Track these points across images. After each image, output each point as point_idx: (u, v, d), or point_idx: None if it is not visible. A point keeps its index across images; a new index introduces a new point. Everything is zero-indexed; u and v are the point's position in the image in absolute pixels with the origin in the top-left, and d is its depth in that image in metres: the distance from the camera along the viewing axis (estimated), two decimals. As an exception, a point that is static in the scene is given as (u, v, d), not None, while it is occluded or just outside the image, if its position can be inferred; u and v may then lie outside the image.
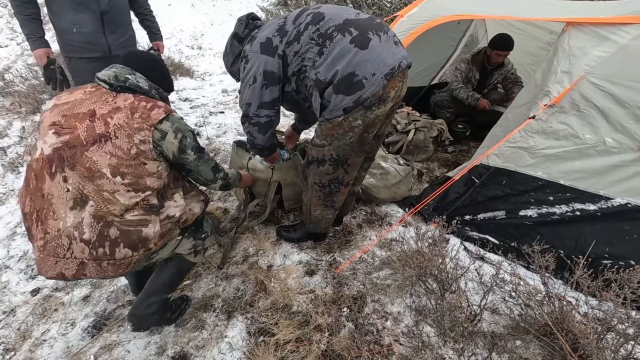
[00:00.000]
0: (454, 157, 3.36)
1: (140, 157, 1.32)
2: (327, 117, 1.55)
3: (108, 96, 1.37)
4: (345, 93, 1.46)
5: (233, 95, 4.58)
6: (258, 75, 1.56)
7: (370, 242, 2.13)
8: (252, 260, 2.09)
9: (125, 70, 1.42)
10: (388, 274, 1.87)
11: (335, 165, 1.68)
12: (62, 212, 1.26)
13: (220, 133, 3.54)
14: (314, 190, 1.83)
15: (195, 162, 1.50)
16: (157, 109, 1.36)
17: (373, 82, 1.43)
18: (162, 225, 1.38)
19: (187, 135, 1.43)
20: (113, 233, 1.28)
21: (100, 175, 1.27)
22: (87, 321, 1.82)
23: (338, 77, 1.45)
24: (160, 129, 1.36)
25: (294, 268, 2.03)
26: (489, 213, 2.14)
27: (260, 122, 1.69)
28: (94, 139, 1.28)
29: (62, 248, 1.25)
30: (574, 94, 1.86)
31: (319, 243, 2.20)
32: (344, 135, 1.56)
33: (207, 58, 6.39)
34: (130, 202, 1.30)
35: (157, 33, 2.83)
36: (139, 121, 1.33)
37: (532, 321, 1.54)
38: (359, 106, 1.47)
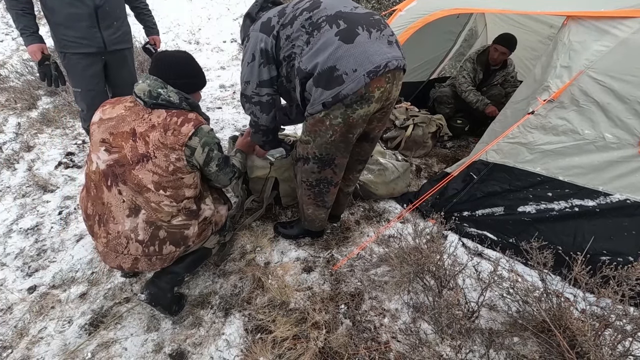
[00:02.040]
0: (453, 152, 3.35)
1: (177, 172, 1.48)
2: (310, 111, 1.54)
3: (144, 113, 1.48)
4: (324, 87, 1.43)
5: (230, 90, 4.55)
6: (256, 52, 1.56)
7: (367, 239, 2.13)
8: (249, 257, 2.08)
9: (158, 84, 1.47)
10: (386, 270, 1.86)
11: (320, 164, 1.66)
12: (121, 218, 1.49)
13: (218, 129, 3.52)
14: (303, 189, 1.83)
15: (216, 173, 1.64)
16: (187, 124, 1.45)
17: (353, 79, 1.38)
18: (200, 227, 1.64)
19: (213, 149, 1.55)
20: (162, 234, 1.53)
21: (146, 190, 1.47)
22: (84, 319, 1.81)
23: (318, 70, 1.42)
24: (190, 145, 1.47)
25: (292, 265, 2.02)
26: (487, 209, 2.13)
27: (262, 101, 1.67)
28: (138, 159, 1.45)
29: (121, 246, 1.51)
30: (573, 89, 1.84)
31: (316, 240, 2.19)
32: (325, 132, 1.54)
33: (204, 53, 6.34)
34: (174, 210, 1.52)
35: (153, 27, 2.80)
36: (172, 140, 1.44)
37: (530, 318, 1.54)
38: (338, 102, 1.43)
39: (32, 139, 3.34)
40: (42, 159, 3.10)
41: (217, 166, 1.61)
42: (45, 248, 2.28)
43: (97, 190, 1.53)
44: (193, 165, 1.53)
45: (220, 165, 1.62)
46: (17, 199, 2.66)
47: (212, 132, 1.54)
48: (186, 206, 1.56)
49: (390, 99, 1.55)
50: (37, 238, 2.35)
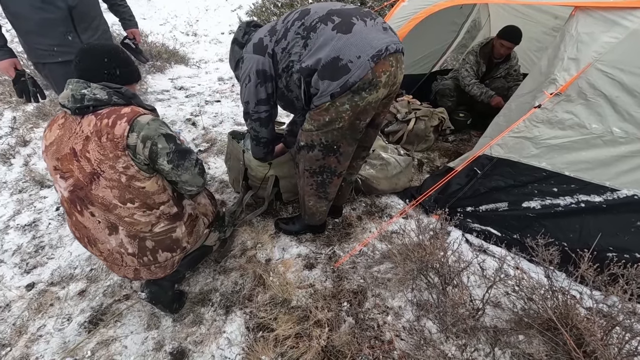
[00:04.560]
0: (455, 146, 3.31)
1: (134, 181, 1.36)
2: (316, 103, 1.52)
3: (75, 125, 1.35)
4: (330, 78, 1.42)
5: (229, 83, 4.49)
6: (252, 74, 1.60)
7: (370, 235, 2.10)
8: (250, 254, 2.06)
9: (80, 85, 1.32)
10: (389, 267, 1.84)
11: (325, 151, 1.64)
12: (104, 237, 1.44)
13: (217, 123, 3.47)
14: (305, 178, 1.80)
15: (172, 171, 1.42)
16: (120, 122, 1.29)
17: (359, 65, 1.38)
18: (187, 226, 1.59)
19: (157, 142, 1.34)
20: (149, 244, 1.48)
21: (114, 207, 1.38)
22: (83, 316, 1.79)
23: (322, 63, 1.42)
24: (130, 145, 1.31)
25: (293, 262, 1.99)
26: (491, 204, 2.10)
27: (261, 117, 1.73)
28: (89, 179, 1.35)
29: (118, 261, 1.50)
30: (581, 82, 1.79)
31: (318, 236, 2.16)
32: (332, 121, 1.52)
33: (202, 45, 6.26)
34: (152, 219, 1.45)
35: (130, 19, 2.52)
36: (110, 147, 1.29)
37: (536, 315, 1.52)
38: (346, 91, 1.43)
39: (28, 134, 3.29)
40: (39, 153, 3.06)
41: (169, 162, 1.39)
42: (43, 244, 2.25)
43: (73, 216, 1.46)
44: (150, 168, 1.39)
45: (173, 159, 1.39)
46: (13, 195, 2.63)
47: (154, 122, 1.34)
48: (165, 211, 1.48)
49: (396, 84, 1.56)
50: (34, 234, 2.32)
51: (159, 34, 5.97)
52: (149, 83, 4.12)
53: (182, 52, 5.28)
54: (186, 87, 4.31)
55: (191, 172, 1.48)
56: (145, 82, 4.01)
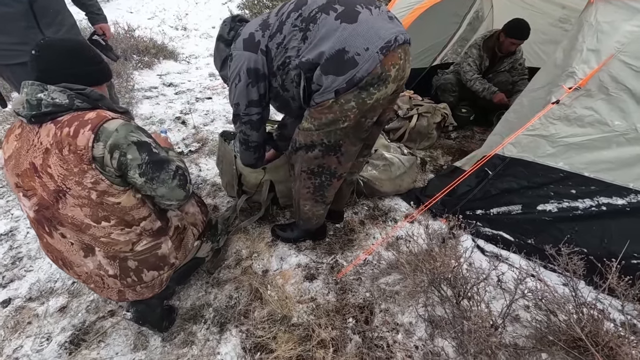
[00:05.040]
0: (458, 143, 3.17)
1: (106, 197, 1.18)
2: (317, 100, 1.36)
3: (32, 135, 1.16)
4: (335, 73, 1.26)
5: (221, 79, 4.29)
6: (242, 73, 1.43)
7: (375, 243, 1.95)
8: (245, 265, 1.90)
9: (35, 88, 1.13)
10: (397, 279, 1.70)
11: (325, 150, 1.49)
12: (79, 260, 1.28)
13: (208, 121, 3.29)
14: (301, 180, 1.65)
15: (148, 185, 1.23)
16: (83, 131, 1.10)
17: (367, 58, 1.23)
18: (174, 240, 1.43)
19: (127, 151, 1.15)
20: (132, 264, 1.32)
21: (87, 226, 1.21)
22: (64, 335, 1.63)
23: (325, 56, 1.26)
24: (97, 157, 1.12)
25: (292, 272, 1.85)
26: (503, 207, 1.97)
27: (252, 119, 1.56)
28: (54, 197, 1.17)
29: (99, 283, 1.34)
30: (602, 75, 1.66)
31: (318, 243, 2.01)
32: (335, 120, 1.37)
33: (192, 39, 6.04)
34: (133, 237, 1.29)
35: (98, 13, 2.32)
36: (74, 160, 1.11)
37: (559, 331, 1.39)
38: (353, 87, 1.28)
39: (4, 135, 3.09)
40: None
41: (142, 175, 1.19)
42: (20, 256, 2.08)
43: (43, 238, 1.30)
44: (123, 180, 1.21)
45: (146, 172, 1.20)
46: (-12, 202, 2.44)
47: (124, 127, 1.15)
48: (146, 227, 1.30)
49: (404, 78, 1.44)
50: (11, 245, 2.14)
51: (147, 29, 5.73)
52: (135, 79, 3.92)
53: (171, 47, 5.06)
54: (175, 83, 4.12)
55: (168, 185, 1.28)
56: (132, 79, 3.81)
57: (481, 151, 2.23)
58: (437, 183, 2.34)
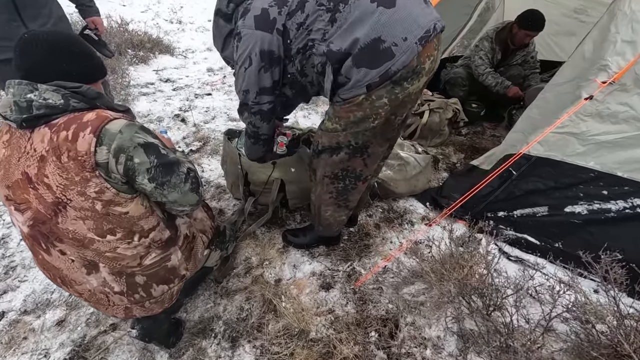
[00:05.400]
0: (469, 140, 3.06)
1: (112, 207, 1.07)
2: (344, 96, 1.22)
3: (23, 141, 1.03)
4: (369, 65, 1.13)
5: (220, 74, 4.14)
6: (254, 56, 1.25)
7: (394, 249, 1.84)
8: (256, 273, 1.79)
9: (24, 88, 1.00)
10: (421, 288, 1.59)
11: (352, 152, 1.37)
12: (81, 278, 1.17)
13: (209, 118, 3.15)
14: (324, 185, 1.52)
15: (159, 191, 1.12)
16: (83, 134, 0.98)
17: (405, 49, 1.10)
18: (184, 251, 1.32)
19: (134, 155, 1.03)
20: (140, 280, 1.22)
21: (90, 241, 1.10)
22: (62, 351, 1.52)
23: (359, 46, 1.12)
24: (100, 162, 1.00)
25: (307, 281, 1.73)
26: (527, 209, 1.86)
27: (262, 109, 1.39)
28: (53, 211, 1.05)
29: (103, 301, 1.23)
30: (638, 68, 1.55)
31: (332, 249, 1.90)
32: (364, 119, 1.25)
33: (188, 33, 5.85)
34: (141, 250, 1.18)
35: (90, 5, 2.17)
36: (74, 168, 0.99)
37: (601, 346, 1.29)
38: (386, 81, 1.15)
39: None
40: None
41: (151, 180, 1.08)
42: (14, 265, 1.94)
43: (39, 254, 1.18)
44: (130, 187, 1.09)
45: (156, 176, 1.08)
46: (-23, 207, 2.29)
47: (128, 128, 1.03)
48: (155, 239, 1.20)
49: (434, 70, 1.31)
50: (3, 253, 2.00)
51: (141, 22, 5.54)
52: (131, 75, 3.76)
53: (167, 41, 4.88)
54: (173, 79, 3.96)
55: (180, 189, 1.16)
56: (128, 75, 3.64)
57: (500, 149, 2.12)
58: (453, 183, 2.23)
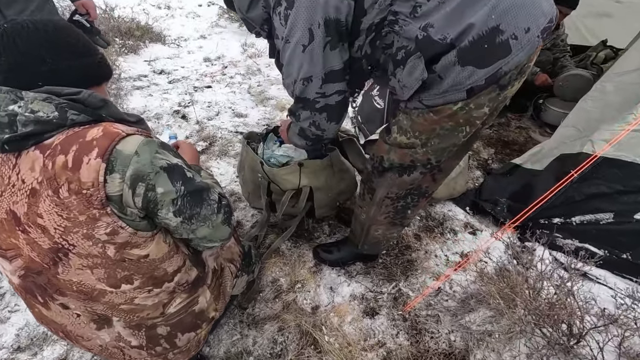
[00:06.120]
0: (496, 133, 2.85)
1: (128, 250, 0.83)
2: (431, 102, 0.96)
3: (7, 170, 0.76)
4: (478, 64, 0.87)
5: (218, 64, 3.82)
6: (316, 27, 0.92)
7: (448, 269, 1.62)
8: (287, 298, 1.55)
9: (4, 97, 0.74)
10: (487, 316, 1.38)
11: (428, 171, 1.14)
12: (90, 333, 0.96)
13: (212, 114, 2.86)
14: (382, 207, 1.28)
15: (186, 226, 0.88)
16: (87, 160, 0.73)
17: (525, 44, 0.85)
18: (213, 289, 1.11)
19: (156, 182, 0.79)
20: (162, 331, 1.00)
21: (100, 293, 0.87)
22: (66, 398, 1.28)
23: (472, 36, 0.85)
24: (112, 195, 0.75)
25: (348, 307, 1.51)
26: (588, 215, 1.66)
27: (330, 104, 1.06)
28: (51, 259, 0.81)
29: (117, 355, 1.03)
30: None
31: (371, 265, 1.68)
32: (454, 130, 1.00)
33: (178, 19, 5.46)
34: (164, 297, 0.96)
35: None
36: (78, 204, 0.74)
37: None
38: (492, 85, 0.90)
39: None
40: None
41: (178, 213, 0.84)
42: (2, 292, 1.68)
43: (34, 308, 0.96)
44: (151, 222, 0.86)
45: (183, 209, 0.85)
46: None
47: (146, 147, 0.78)
48: (181, 281, 0.97)
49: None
50: (-11, 279, 1.73)
51: (126, 7, 5.12)
52: (121, 67, 3.42)
53: (157, 28, 4.51)
54: (167, 70, 3.62)
55: (212, 222, 0.93)
56: (118, 66, 3.30)
57: (550, 146, 1.90)
58: (495, 184, 2.02)
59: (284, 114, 2.83)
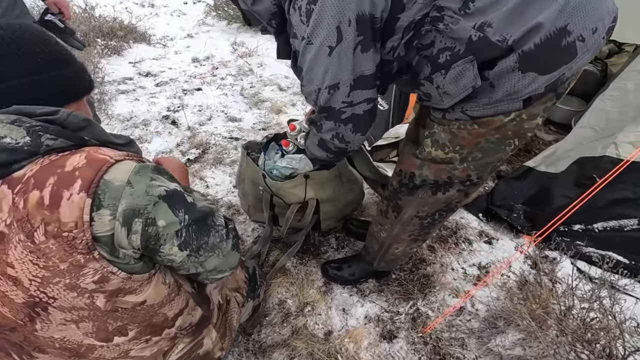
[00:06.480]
0: (500, 131, 2.76)
1: (121, 297, 0.70)
2: (477, 113, 0.84)
3: None
4: (541, 70, 0.75)
5: (208, 64, 3.64)
6: (345, 24, 0.76)
7: (472, 288, 1.51)
8: (297, 323, 1.43)
9: None
10: (516, 339, 1.28)
11: (468, 187, 1.02)
12: None
13: (204, 119, 2.70)
14: (409, 226, 1.17)
15: (193, 260, 0.76)
16: (67, 195, 0.59)
17: (590, 46, 0.74)
18: (219, 327, 1.01)
19: (156, 215, 0.66)
20: None
21: (89, 349, 0.74)
22: None
23: (539, 38, 0.72)
24: (101, 237, 0.62)
25: (364, 330, 1.39)
26: (611, 222, 1.58)
27: (357, 113, 0.91)
28: (27, 315, 0.67)
29: None
30: None
31: (385, 282, 1.56)
32: (500, 144, 0.88)
33: (163, 18, 5.25)
34: (164, 345, 0.85)
35: None
36: (57, 251, 0.61)
37: None
38: (550, 93, 0.80)
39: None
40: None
41: (183, 246, 0.72)
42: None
43: None
44: (148, 262, 0.73)
45: (189, 240, 0.73)
46: None
47: (140, 175, 0.65)
48: (184, 325, 0.86)
49: None
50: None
51: (107, 6, 4.89)
52: (104, 69, 3.22)
53: (141, 28, 4.29)
54: (154, 72, 3.43)
55: (221, 250, 0.81)
56: (100, 69, 3.11)
57: (564, 148, 1.81)
58: (507, 188, 1.92)
59: (280, 117, 2.69)
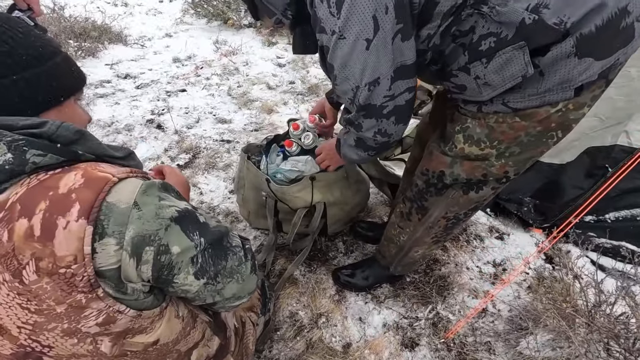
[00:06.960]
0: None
1: (129, 338, 0.60)
2: (521, 105, 0.76)
3: None
4: (598, 55, 0.68)
5: (190, 64, 3.48)
6: (382, 12, 0.68)
7: (492, 289, 1.45)
8: (312, 336, 1.34)
9: None
10: (546, 339, 1.23)
11: (501, 186, 0.96)
12: None
13: (192, 122, 2.55)
14: (434, 227, 1.09)
15: (210, 287, 0.66)
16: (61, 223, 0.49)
17: None
18: (236, 355, 0.93)
19: (169, 240, 0.57)
20: None
21: None
22: None
23: (601, 19, 0.65)
24: (105, 271, 0.52)
25: (383, 340, 1.31)
26: (624, 211, 1.56)
27: (399, 105, 0.82)
28: None
29: None
30: None
31: (400, 286, 1.49)
32: (541, 137, 0.81)
33: (138, 17, 5.03)
34: None
35: None
36: (52, 292, 0.51)
37: None
38: (601, 80, 0.73)
39: None
40: None
41: (200, 273, 0.63)
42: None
43: None
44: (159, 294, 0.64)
45: (205, 267, 0.64)
46: None
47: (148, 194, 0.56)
48: (201, 358, 0.78)
49: None
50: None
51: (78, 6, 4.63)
52: (79, 73, 3.03)
53: (116, 28, 4.07)
54: (133, 74, 3.25)
55: (240, 275, 0.72)
56: (75, 72, 2.91)
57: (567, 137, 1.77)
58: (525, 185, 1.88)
59: (272, 117, 2.58)
